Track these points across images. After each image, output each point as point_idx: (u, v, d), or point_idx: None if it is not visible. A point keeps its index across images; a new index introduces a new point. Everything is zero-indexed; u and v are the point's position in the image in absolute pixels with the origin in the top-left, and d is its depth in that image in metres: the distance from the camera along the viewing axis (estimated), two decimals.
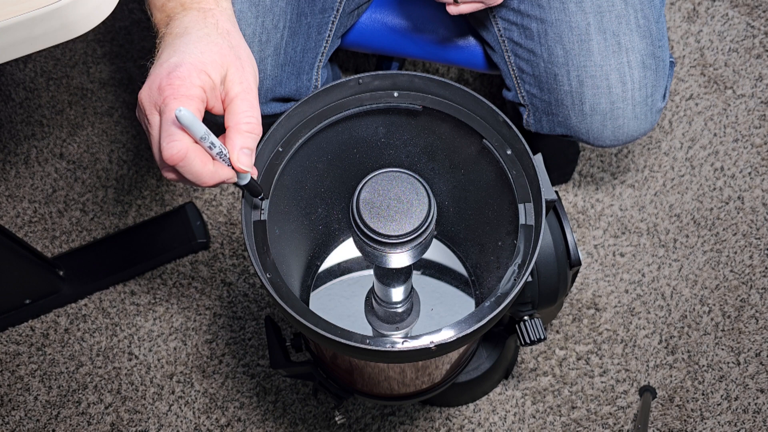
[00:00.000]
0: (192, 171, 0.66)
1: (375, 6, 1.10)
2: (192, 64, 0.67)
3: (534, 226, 0.75)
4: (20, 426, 1.25)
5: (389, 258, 0.71)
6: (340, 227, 0.91)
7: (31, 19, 0.70)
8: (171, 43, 0.70)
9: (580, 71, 0.98)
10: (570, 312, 1.29)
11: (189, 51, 0.69)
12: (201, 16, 0.72)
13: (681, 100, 1.42)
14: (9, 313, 1.29)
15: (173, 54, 0.69)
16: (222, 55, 0.70)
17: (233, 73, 0.70)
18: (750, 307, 1.29)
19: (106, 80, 1.47)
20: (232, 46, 0.71)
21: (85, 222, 1.37)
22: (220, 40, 0.71)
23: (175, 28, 0.72)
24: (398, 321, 0.87)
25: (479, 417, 1.23)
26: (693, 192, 1.36)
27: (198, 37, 0.70)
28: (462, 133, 0.80)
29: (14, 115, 1.46)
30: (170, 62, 0.68)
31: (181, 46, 0.69)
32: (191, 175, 0.66)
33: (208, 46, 0.69)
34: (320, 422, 1.24)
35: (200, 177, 0.66)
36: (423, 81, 0.79)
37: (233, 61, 0.70)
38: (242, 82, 0.70)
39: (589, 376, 1.25)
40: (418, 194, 0.71)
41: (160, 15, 0.75)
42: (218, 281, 1.33)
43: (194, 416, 1.25)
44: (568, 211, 1.36)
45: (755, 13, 1.48)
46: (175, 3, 0.74)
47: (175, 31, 0.71)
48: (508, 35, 1.03)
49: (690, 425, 1.23)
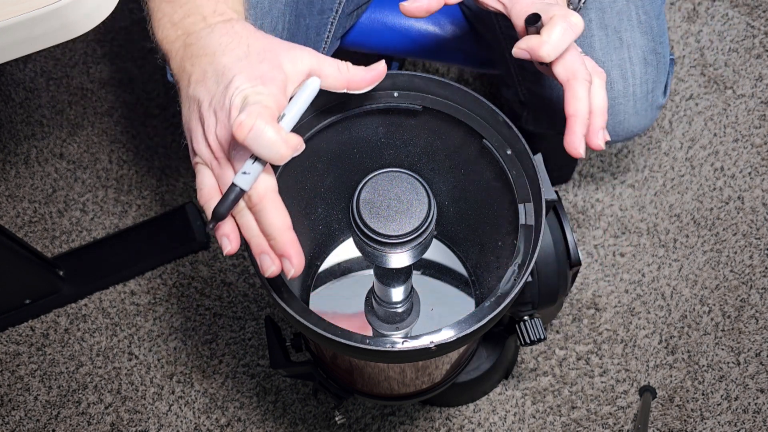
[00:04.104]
0: (265, 137, 0.62)
1: (374, 6, 1.10)
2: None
3: (534, 226, 0.75)
4: (20, 426, 1.25)
5: (389, 258, 0.71)
6: (340, 227, 0.91)
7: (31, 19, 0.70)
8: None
9: None
10: (570, 312, 1.29)
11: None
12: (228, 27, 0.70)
13: (681, 100, 1.42)
14: (9, 313, 1.29)
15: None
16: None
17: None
18: (750, 307, 1.29)
19: (106, 80, 1.47)
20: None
21: (85, 222, 1.37)
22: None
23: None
24: (398, 321, 0.87)
25: (479, 417, 1.23)
26: (693, 192, 1.36)
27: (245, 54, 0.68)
28: (462, 133, 0.80)
29: (14, 115, 1.46)
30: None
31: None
32: (264, 142, 0.62)
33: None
34: (320, 422, 1.24)
35: (275, 144, 0.62)
36: (423, 81, 0.79)
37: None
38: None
39: (589, 376, 1.25)
40: (418, 194, 0.71)
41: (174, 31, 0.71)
42: (218, 281, 1.33)
43: (194, 416, 1.25)
44: (568, 211, 1.36)
45: (755, 13, 1.48)
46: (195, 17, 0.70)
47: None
48: (509, 32, 1.03)
49: (690, 425, 1.23)
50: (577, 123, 0.76)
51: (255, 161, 0.63)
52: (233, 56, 0.67)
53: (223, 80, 0.65)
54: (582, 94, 0.75)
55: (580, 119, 0.75)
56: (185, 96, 0.69)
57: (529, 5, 0.77)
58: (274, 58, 0.67)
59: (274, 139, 0.62)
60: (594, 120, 0.76)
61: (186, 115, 0.69)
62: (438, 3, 0.78)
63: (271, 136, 0.61)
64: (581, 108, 0.75)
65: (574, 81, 0.75)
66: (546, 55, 0.74)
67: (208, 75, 0.67)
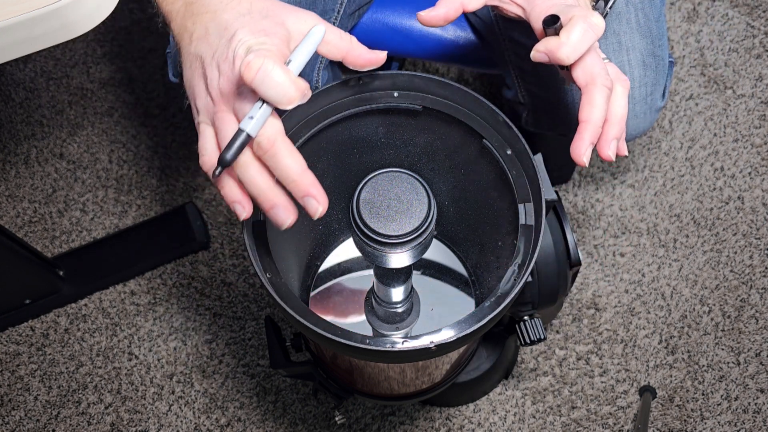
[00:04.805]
0: (275, 79, 0.61)
1: (375, 6, 1.10)
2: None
3: (534, 226, 0.75)
4: (20, 426, 1.25)
5: (389, 258, 0.71)
6: (340, 227, 0.91)
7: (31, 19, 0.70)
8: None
9: None
10: (570, 312, 1.29)
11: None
12: None
13: (681, 100, 1.42)
14: (9, 313, 1.29)
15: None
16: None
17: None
18: (750, 307, 1.29)
19: (106, 80, 1.47)
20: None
21: (85, 222, 1.37)
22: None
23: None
24: (398, 321, 0.87)
25: (479, 417, 1.23)
26: (693, 192, 1.36)
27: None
28: (462, 133, 0.80)
29: (14, 115, 1.46)
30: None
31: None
32: (272, 82, 0.61)
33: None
34: (320, 422, 1.24)
35: (284, 85, 0.61)
36: (423, 81, 0.79)
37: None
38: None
39: (589, 376, 1.25)
40: (418, 194, 0.71)
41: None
42: (218, 281, 1.33)
43: (194, 416, 1.25)
44: (568, 211, 1.36)
45: (755, 13, 1.48)
46: None
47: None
48: (509, 34, 1.03)
49: (690, 425, 1.23)
50: (587, 130, 0.71)
51: (262, 105, 0.62)
52: (235, 12, 0.66)
53: (226, 34, 0.65)
54: (599, 101, 0.71)
55: (592, 126, 0.71)
56: (187, 55, 0.68)
57: (548, 7, 0.74)
58: (277, 17, 0.67)
59: (283, 79, 0.61)
60: (609, 129, 0.72)
61: (188, 75, 0.68)
62: (456, 11, 0.76)
63: (280, 77, 0.61)
64: (595, 115, 0.71)
65: (593, 86, 0.71)
66: (565, 57, 0.70)
67: (210, 31, 0.66)
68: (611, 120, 0.72)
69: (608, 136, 0.72)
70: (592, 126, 0.72)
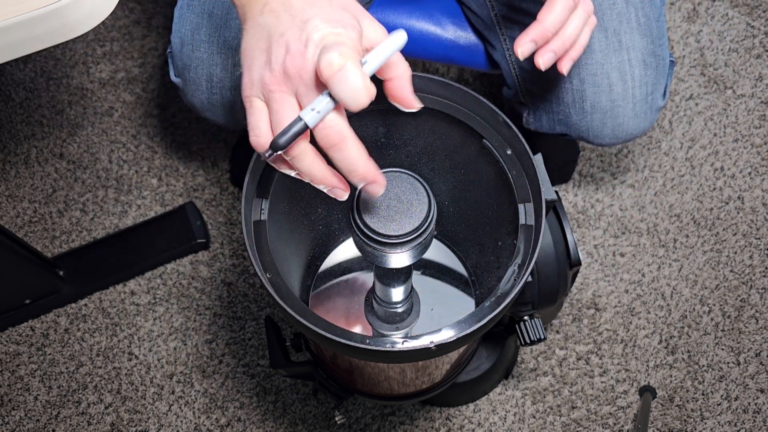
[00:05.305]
0: (351, 80, 0.60)
1: (375, 6, 1.10)
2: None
3: (534, 226, 0.75)
4: (20, 426, 1.25)
5: (389, 258, 0.71)
6: (340, 227, 0.91)
7: (31, 19, 0.70)
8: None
9: (581, 69, 0.98)
10: (570, 312, 1.29)
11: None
12: None
13: (681, 100, 1.42)
14: (9, 313, 1.29)
15: None
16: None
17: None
18: (750, 307, 1.29)
19: (106, 80, 1.47)
20: None
21: (85, 222, 1.37)
22: None
23: None
24: (398, 321, 0.87)
25: (479, 417, 1.23)
26: (693, 192, 1.36)
27: None
28: (462, 133, 0.80)
29: (14, 115, 1.46)
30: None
31: None
32: (348, 85, 0.60)
33: None
34: (320, 422, 1.24)
35: (357, 90, 0.60)
36: (423, 81, 0.79)
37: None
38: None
39: (589, 376, 1.25)
40: (418, 194, 0.71)
41: None
42: (218, 281, 1.33)
43: (194, 416, 1.25)
44: (568, 211, 1.36)
45: (755, 13, 1.48)
46: None
47: None
48: (510, 33, 1.03)
49: (690, 425, 1.23)
50: (535, 28, 0.75)
51: (329, 101, 0.61)
52: None
53: (301, 16, 0.64)
54: (558, 9, 0.75)
55: (541, 27, 0.75)
56: (254, 23, 0.66)
57: None
58: (354, 15, 0.65)
59: (359, 85, 0.60)
60: (554, 40, 0.76)
61: (249, 43, 0.66)
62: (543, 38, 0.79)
63: (357, 81, 0.60)
64: (548, 20, 0.75)
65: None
66: None
67: (285, 7, 0.65)
68: (560, 35, 0.77)
69: (549, 46, 0.77)
70: (541, 27, 0.76)
